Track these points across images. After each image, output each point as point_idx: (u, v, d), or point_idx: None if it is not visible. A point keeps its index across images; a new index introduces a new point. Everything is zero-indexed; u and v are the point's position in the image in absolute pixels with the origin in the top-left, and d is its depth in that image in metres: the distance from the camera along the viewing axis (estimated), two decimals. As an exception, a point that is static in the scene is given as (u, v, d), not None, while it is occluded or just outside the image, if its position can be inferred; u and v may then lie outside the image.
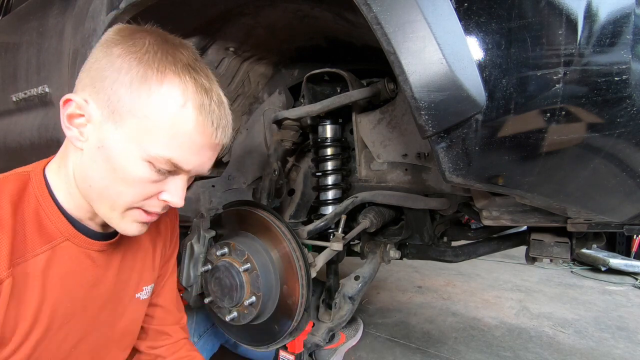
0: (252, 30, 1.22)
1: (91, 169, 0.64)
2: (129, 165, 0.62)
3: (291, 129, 1.30)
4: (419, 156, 1.22)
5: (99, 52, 0.64)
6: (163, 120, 0.61)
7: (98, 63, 0.63)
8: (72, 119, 0.64)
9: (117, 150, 0.62)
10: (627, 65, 0.59)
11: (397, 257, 1.45)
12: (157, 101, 0.60)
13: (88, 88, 0.63)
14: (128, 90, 0.60)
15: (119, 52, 0.61)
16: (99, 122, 0.62)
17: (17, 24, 1.84)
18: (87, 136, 0.64)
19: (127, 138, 0.62)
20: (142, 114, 0.60)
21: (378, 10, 0.64)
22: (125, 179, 0.63)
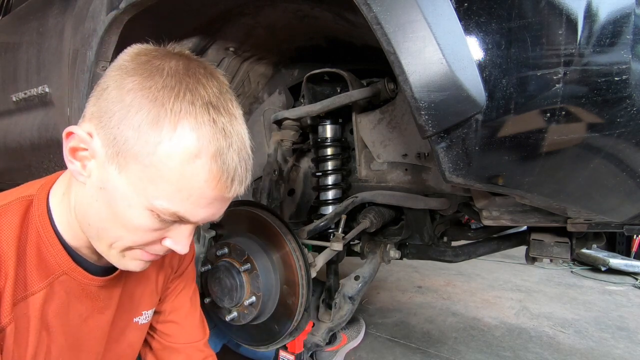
0: (252, 30, 1.22)
1: (91, 208, 0.59)
2: (130, 212, 0.57)
3: (291, 129, 1.30)
4: (419, 156, 1.22)
5: (110, 78, 0.57)
6: (171, 172, 0.53)
7: (108, 93, 0.56)
8: (75, 152, 0.58)
9: (119, 195, 0.56)
10: (627, 65, 0.59)
11: (397, 257, 1.45)
12: (166, 150, 0.53)
13: (94, 120, 0.56)
14: (136, 133, 0.53)
15: (131, 86, 0.54)
16: (103, 161, 0.56)
17: (17, 24, 1.84)
18: (90, 172, 0.58)
19: (130, 184, 0.55)
20: (149, 162, 0.53)
21: (378, 10, 0.64)
22: (125, 226, 0.58)
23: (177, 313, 0.93)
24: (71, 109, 1.27)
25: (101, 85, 0.58)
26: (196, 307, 0.97)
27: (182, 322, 0.93)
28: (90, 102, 0.58)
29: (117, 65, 0.58)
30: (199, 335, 0.95)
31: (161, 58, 0.57)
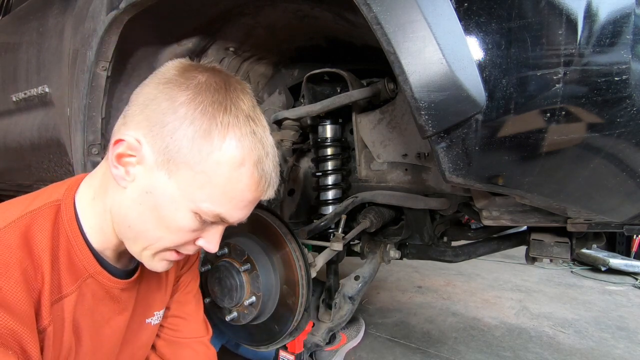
0: (252, 30, 1.22)
1: (134, 211, 0.63)
2: (176, 215, 0.61)
3: (291, 129, 1.30)
4: (419, 156, 1.22)
5: (158, 91, 0.60)
6: (220, 177, 0.60)
7: (157, 104, 0.59)
8: (121, 157, 0.61)
9: (168, 199, 0.61)
10: (627, 65, 0.59)
11: (397, 257, 1.45)
12: (217, 158, 0.59)
13: (143, 129, 0.60)
14: (190, 143, 0.58)
15: (184, 100, 0.59)
16: (151, 167, 0.60)
17: (17, 24, 1.84)
18: (134, 177, 0.62)
19: (179, 189, 0.60)
20: (200, 169, 0.59)
21: (378, 10, 0.64)
22: (169, 227, 0.63)
23: (184, 308, 0.95)
24: (71, 109, 1.27)
25: (146, 96, 0.61)
26: (200, 304, 0.99)
27: (188, 317, 0.95)
28: (134, 110, 0.62)
29: (162, 78, 0.62)
30: (203, 331, 0.97)
31: (204, 73, 0.62)
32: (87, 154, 1.22)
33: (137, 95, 0.63)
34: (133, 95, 0.64)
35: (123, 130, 0.62)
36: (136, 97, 0.63)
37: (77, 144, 1.24)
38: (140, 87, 0.64)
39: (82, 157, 1.23)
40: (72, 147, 1.28)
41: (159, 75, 0.63)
